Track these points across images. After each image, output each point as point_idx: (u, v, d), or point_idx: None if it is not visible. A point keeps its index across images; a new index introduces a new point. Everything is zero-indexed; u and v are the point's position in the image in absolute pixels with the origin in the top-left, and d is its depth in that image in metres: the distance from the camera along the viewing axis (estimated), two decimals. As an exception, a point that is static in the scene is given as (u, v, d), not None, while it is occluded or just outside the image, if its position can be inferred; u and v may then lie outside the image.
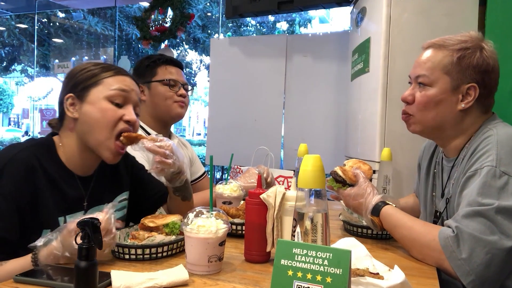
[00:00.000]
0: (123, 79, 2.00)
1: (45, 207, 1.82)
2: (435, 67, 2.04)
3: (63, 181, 1.92)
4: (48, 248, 1.61)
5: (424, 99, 2.07)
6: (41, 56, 15.26)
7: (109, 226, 1.63)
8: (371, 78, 3.68)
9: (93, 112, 1.90)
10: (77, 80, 1.95)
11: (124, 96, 1.96)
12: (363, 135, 3.88)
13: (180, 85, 3.02)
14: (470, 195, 1.78)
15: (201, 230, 1.59)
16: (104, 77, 1.95)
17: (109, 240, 1.63)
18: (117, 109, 1.93)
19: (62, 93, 1.97)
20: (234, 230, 2.16)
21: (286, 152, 5.94)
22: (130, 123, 1.97)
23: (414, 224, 1.93)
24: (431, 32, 3.15)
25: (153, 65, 3.01)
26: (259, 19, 15.30)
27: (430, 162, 2.41)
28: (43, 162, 1.86)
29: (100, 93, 1.92)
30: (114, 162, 2.01)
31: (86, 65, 2.01)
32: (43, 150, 1.91)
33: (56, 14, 15.19)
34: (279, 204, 1.73)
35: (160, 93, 2.95)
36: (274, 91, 5.93)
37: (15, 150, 1.83)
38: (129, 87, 2.00)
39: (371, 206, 2.07)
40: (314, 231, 1.33)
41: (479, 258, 1.67)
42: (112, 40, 13.98)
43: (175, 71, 3.04)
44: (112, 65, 2.07)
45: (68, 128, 1.96)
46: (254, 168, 2.91)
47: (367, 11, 3.91)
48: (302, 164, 1.36)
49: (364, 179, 2.17)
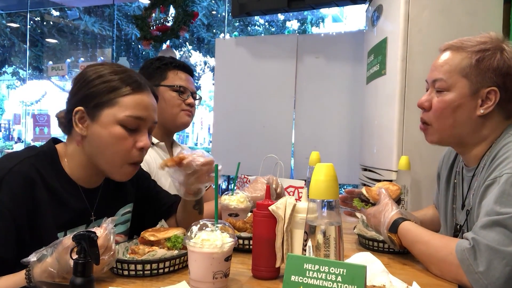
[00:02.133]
0: (141, 99, 1.95)
1: (45, 222, 1.82)
2: (452, 70, 2.04)
3: (67, 193, 1.92)
4: (42, 264, 1.59)
5: (441, 105, 2.06)
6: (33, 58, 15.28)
7: (108, 243, 1.60)
8: (388, 81, 3.69)
9: (103, 136, 1.89)
10: (91, 92, 1.90)
11: (138, 123, 1.94)
12: (379, 143, 3.88)
13: (189, 93, 3.03)
14: (488, 205, 1.78)
15: (206, 244, 1.59)
16: (121, 95, 1.90)
17: (108, 258, 1.61)
18: (129, 136, 1.91)
19: (72, 100, 1.94)
20: (241, 245, 2.16)
21: (297, 161, 5.94)
22: (144, 149, 1.97)
23: (431, 239, 1.93)
24: (452, 31, 3.16)
25: (164, 68, 3.01)
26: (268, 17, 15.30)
27: (450, 172, 2.40)
28: (44, 174, 1.86)
29: (113, 116, 1.89)
30: (125, 180, 2.05)
31: (102, 70, 1.94)
32: (44, 160, 1.90)
33: (50, 13, 15.19)
34: (289, 216, 1.73)
35: (168, 99, 2.96)
36: (284, 95, 5.93)
37: (13, 161, 1.82)
38: (147, 112, 1.97)
39: (388, 222, 2.07)
40: (327, 245, 1.34)
41: (497, 271, 1.66)
42: (110, 40, 14.01)
43: (185, 78, 3.05)
44: (131, 74, 1.99)
45: (75, 140, 1.95)
46: (263, 178, 2.90)
47: (384, 9, 3.92)
48: (314, 174, 1.37)
49: (385, 196, 2.19)
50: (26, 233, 1.77)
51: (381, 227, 2.11)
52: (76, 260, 1.27)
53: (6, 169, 1.78)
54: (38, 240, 1.79)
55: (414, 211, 2.72)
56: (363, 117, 4.60)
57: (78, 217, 1.96)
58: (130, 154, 1.94)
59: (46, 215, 1.82)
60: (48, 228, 1.83)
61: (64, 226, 1.89)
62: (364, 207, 2.29)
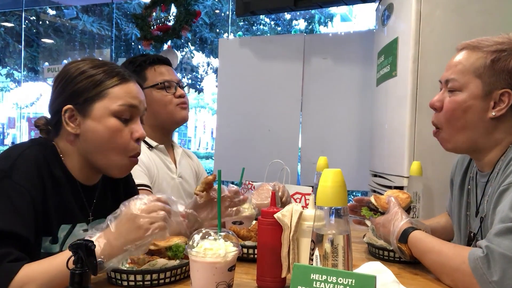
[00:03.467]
0: (130, 89, 2.00)
1: (48, 211, 1.84)
2: (466, 70, 2.04)
3: (68, 187, 1.95)
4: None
5: (452, 105, 2.06)
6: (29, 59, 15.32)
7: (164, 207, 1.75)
8: (399, 83, 3.69)
9: (99, 131, 1.92)
10: (77, 88, 1.92)
11: (132, 111, 1.98)
12: (390, 147, 3.88)
13: (175, 84, 3.01)
14: (503, 211, 1.78)
15: (208, 253, 1.58)
16: (109, 87, 1.94)
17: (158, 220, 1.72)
18: (125, 127, 1.95)
19: (57, 100, 1.96)
20: (245, 254, 2.16)
21: (304, 166, 5.95)
22: (140, 139, 2.00)
23: (443, 248, 1.92)
24: (466, 31, 3.16)
25: (139, 69, 2.97)
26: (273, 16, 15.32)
27: (464, 178, 2.39)
28: (50, 162, 1.90)
29: (105, 108, 1.92)
30: (123, 175, 2.09)
31: (83, 66, 1.97)
32: (48, 151, 1.93)
33: (46, 12, 15.23)
34: (296, 224, 1.73)
35: (157, 99, 2.94)
36: (290, 97, 5.94)
37: (22, 148, 1.87)
38: (138, 99, 2.01)
39: (398, 232, 2.07)
40: (335, 254, 1.34)
41: None
42: (108, 40, 14.02)
43: (165, 70, 3.03)
44: (113, 66, 2.03)
45: (67, 140, 1.97)
46: (268, 184, 2.90)
47: (395, 8, 3.92)
48: (321, 180, 1.37)
49: (395, 204, 2.19)
50: (40, 215, 1.79)
51: (391, 237, 2.11)
52: (73, 270, 1.28)
53: (17, 153, 1.83)
54: (38, 228, 1.81)
55: (426, 218, 2.72)
56: (373, 121, 4.61)
57: (77, 214, 1.98)
58: (128, 147, 1.97)
59: (50, 204, 1.85)
60: (51, 218, 1.86)
61: (65, 219, 1.92)
62: (372, 216, 2.29)
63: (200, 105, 23.57)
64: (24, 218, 1.71)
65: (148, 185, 2.71)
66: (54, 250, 1.88)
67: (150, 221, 1.68)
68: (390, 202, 2.21)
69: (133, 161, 2.02)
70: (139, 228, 1.67)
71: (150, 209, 1.70)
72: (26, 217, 1.72)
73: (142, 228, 1.67)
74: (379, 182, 4.09)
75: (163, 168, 2.96)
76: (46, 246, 1.87)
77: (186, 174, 3.11)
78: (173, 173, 3.02)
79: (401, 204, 2.23)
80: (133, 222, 1.67)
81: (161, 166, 2.95)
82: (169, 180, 2.96)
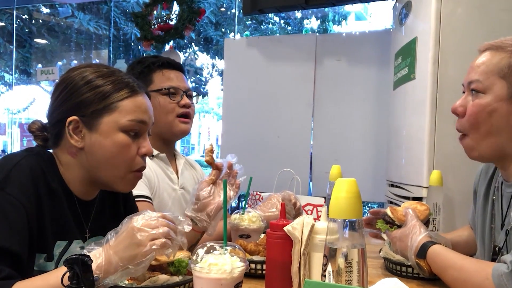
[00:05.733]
0: (140, 102, 1.99)
1: (44, 226, 1.84)
2: (489, 71, 2.03)
3: (64, 201, 1.94)
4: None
5: (476, 108, 2.05)
6: (21, 60, 15.32)
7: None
8: (417, 86, 3.69)
9: (106, 146, 1.92)
10: (83, 100, 1.91)
11: (141, 126, 1.98)
12: (408, 155, 3.88)
13: (182, 92, 2.98)
14: None
15: (213, 269, 1.58)
16: (118, 100, 1.93)
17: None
18: (132, 142, 1.96)
19: (60, 109, 1.94)
20: (252, 269, 2.17)
21: (316, 176, 5.94)
22: (146, 155, 2.02)
23: (464, 263, 1.92)
24: (490, 30, 3.17)
25: (147, 71, 2.97)
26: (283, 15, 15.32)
27: (488, 188, 2.38)
28: (46, 173, 1.89)
29: (114, 122, 1.92)
30: (129, 190, 2.13)
31: (88, 74, 1.95)
32: (44, 161, 1.93)
33: (39, 10, 15.20)
34: (307, 238, 1.74)
35: (159, 105, 2.90)
36: (301, 102, 5.94)
37: (17, 158, 1.86)
38: (148, 114, 2.01)
39: (416, 246, 2.07)
40: (349, 270, 1.34)
41: None
42: (106, 40, 14.05)
43: (174, 76, 3.00)
44: (121, 75, 2.01)
45: (68, 152, 1.96)
46: (277, 195, 2.89)
47: (413, 6, 3.92)
48: (335, 190, 1.37)
49: (412, 217, 2.18)
50: (34, 231, 1.78)
51: (408, 252, 2.11)
52: (69, 286, 1.28)
53: (12, 163, 1.82)
54: (43, 243, 1.82)
55: (447, 232, 2.71)
56: (390, 127, 4.60)
57: (74, 230, 1.98)
58: (134, 162, 1.98)
59: (46, 216, 1.84)
60: (48, 232, 1.86)
61: (61, 235, 1.91)
62: (388, 229, 2.29)
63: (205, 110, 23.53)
64: (17, 233, 1.70)
65: (148, 196, 2.69)
66: (49, 268, 1.86)
67: (150, 237, 1.66)
68: (408, 214, 2.21)
69: (138, 175, 2.03)
70: (139, 244, 1.65)
71: (152, 225, 1.69)
72: (20, 232, 1.71)
73: (142, 245, 1.65)
74: (396, 192, 4.09)
75: (164, 179, 2.94)
76: (41, 264, 1.85)
77: (188, 186, 3.09)
78: (175, 184, 3.01)
79: (419, 217, 2.23)
80: (132, 237, 1.66)
81: (162, 176, 2.94)
82: (170, 191, 2.94)
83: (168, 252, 1.70)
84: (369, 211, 2.48)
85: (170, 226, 1.72)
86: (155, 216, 1.73)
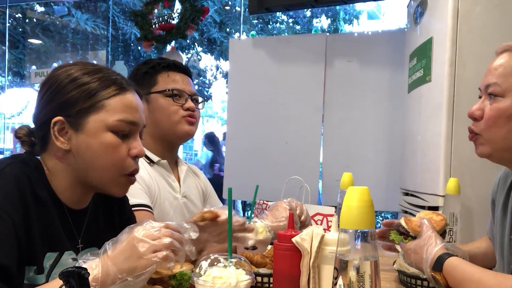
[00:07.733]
0: (129, 100, 1.98)
1: (32, 237, 1.83)
2: (508, 73, 2.04)
3: (53, 210, 1.93)
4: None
5: (493, 112, 2.06)
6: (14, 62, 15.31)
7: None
8: (433, 89, 3.69)
9: (92, 147, 1.91)
10: (68, 98, 1.90)
11: (130, 127, 1.97)
12: (424, 162, 3.87)
13: (187, 96, 2.99)
14: None
15: (218, 282, 1.58)
16: (105, 98, 1.92)
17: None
18: (122, 142, 1.95)
19: (44, 110, 1.94)
20: (259, 283, 2.15)
21: (326, 184, 5.95)
22: (138, 157, 2.01)
23: (482, 276, 1.91)
24: (510, 30, 3.16)
25: (152, 71, 2.99)
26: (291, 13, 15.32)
27: (507, 197, 2.38)
28: (33, 182, 1.88)
29: (101, 122, 1.91)
30: (123, 194, 2.10)
31: (74, 71, 1.94)
32: (31, 169, 1.92)
33: (33, 8, 15.20)
34: (317, 249, 1.74)
35: (162, 107, 2.93)
36: (310, 105, 5.94)
37: (2, 165, 1.85)
38: (137, 114, 2.01)
39: (432, 259, 2.07)
40: (361, 283, 1.34)
41: None
42: (104, 41, 14.05)
43: (180, 79, 3.02)
44: (108, 72, 2.01)
45: (55, 156, 1.96)
46: (285, 203, 2.89)
47: (429, 4, 3.92)
48: (346, 199, 1.37)
49: (428, 228, 2.18)
50: (22, 242, 1.77)
51: (424, 265, 2.10)
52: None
53: None
54: (32, 255, 1.81)
55: (464, 243, 2.71)
56: (405, 132, 4.60)
57: (65, 240, 1.96)
58: (125, 164, 1.97)
59: (34, 227, 1.83)
60: (37, 244, 1.84)
61: (51, 246, 1.90)
62: (402, 240, 2.28)
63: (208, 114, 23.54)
64: (5, 245, 1.69)
65: (148, 205, 2.69)
66: (39, 281, 1.85)
67: (152, 248, 1.65)
68: (423, 225, 2.20)
69: (130, 180, 2.02)
70: (139, 256, 1.65)
71: (155, 236, 1.68)
72: (8, 244, 1.70)
73: (143, 257, 1.64)
74: (411, 201, 4.08)
75: (165, 187, 2.95)
76: (31, 277, 1.84)
77: (191, 194, 3.11)
78: (177, 193, 3.01)
79: (435, 227, 2.22)
80: (133, 248, 1.65)
81: (163, 184, 2.94)
82: (171, 200, 2.94)
83: (171, 266, 1.70)
84: (382, 223, 2.48)
85: (174, 236, 1.72)
86: (158, 226, 1.72)
